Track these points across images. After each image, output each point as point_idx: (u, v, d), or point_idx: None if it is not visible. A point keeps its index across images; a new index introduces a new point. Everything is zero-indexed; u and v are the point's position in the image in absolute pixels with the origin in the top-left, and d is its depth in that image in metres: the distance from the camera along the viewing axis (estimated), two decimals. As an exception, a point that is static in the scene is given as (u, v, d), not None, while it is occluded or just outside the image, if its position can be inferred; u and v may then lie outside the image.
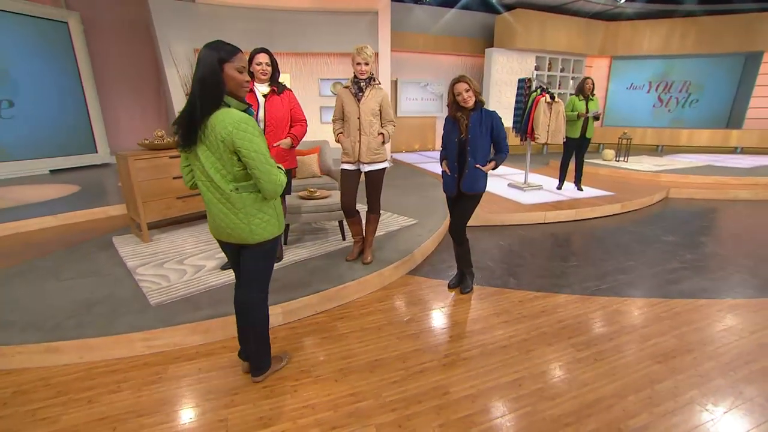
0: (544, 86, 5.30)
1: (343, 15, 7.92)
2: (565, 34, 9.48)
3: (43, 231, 4.01)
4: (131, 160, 3.26)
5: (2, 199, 4.91)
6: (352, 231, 3.17)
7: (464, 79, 2.48)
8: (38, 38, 6.65)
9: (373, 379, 2.00)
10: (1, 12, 6.20)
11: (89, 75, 7.24)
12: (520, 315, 2.63)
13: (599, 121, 10.64)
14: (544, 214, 4.65)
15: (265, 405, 1.83)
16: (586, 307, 2.73)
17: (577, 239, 4.21)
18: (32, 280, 2.85)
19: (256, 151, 1.57)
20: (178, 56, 6.70)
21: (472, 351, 2.24)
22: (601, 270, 3.36)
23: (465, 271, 2.96)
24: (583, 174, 5.80)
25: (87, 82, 7.22)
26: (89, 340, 2.14)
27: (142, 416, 1.76)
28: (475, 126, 2.53)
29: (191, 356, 2.19)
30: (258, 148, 1.57)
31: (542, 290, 2.98)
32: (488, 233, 4.30)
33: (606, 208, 4.96)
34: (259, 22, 7.29)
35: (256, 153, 1.57)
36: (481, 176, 2.64)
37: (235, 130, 1.54)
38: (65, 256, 3.27)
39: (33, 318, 2.32)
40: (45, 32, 6.70)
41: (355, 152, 2.89)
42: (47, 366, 2.11)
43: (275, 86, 2.80)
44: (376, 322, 2.56)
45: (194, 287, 2.68)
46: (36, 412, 1.80)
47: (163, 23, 6.61)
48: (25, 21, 6.45)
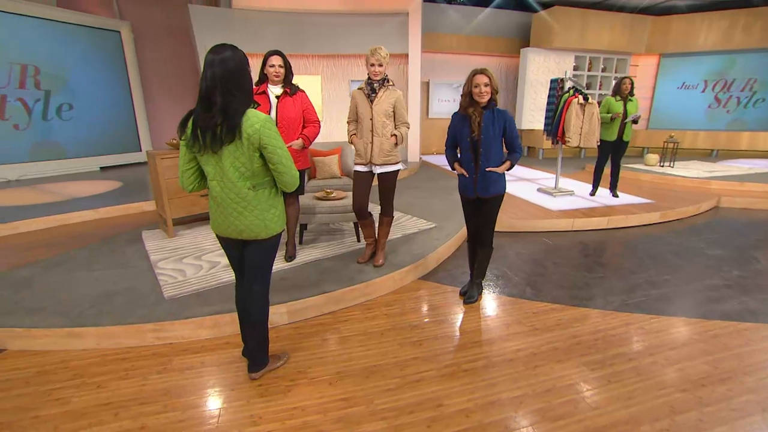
0: (577, 87, 5.02)
1: (373, 17, 7.96)
2: (607, 32, 8.95)
3: (83, 224, 4.33)
4: (158, 159, 3.45)
5: (55, 194, 5.37)
6: (364, 233, 3.15)
7: (486, 72, 2.36)
8: (94, 47, 7.23)
9: (368, 385, 1.97)
10: (62, 24, 6.81)
11: (137, 79, 7.79)
12: (532, 327, 2.48)
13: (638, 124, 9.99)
14: (572, 222, 4.40)
15: (258, 403, 1.85)
16: (607, 323, 2.53)
17: (607, 249, 3.93)
18: (68, 269, 3.07)
19: (281, 148, 1.68)
20: (213, 60, 7.03)
21: (474, 363, 2.14)
22: (630, 283, 3.11)
23: (475, 281, 2.84)
24: (621, 180, 5.44)
25: (134, 85, 7.78)
26: (106, 328, 2.28)
27: (143, 404, 1.84)
28: (488, 125, 2.42)
29: (197, 349, 2.27)
30: (282, 144, 1.69)
31: (560, 302, 2.80)
32: (511, 239, 4.13)
33: (642, 216, 4.61)
34: (291, 24, 7.49)
35: (282, 149, 1.68)
36: (496, 178, 2.52)
37: (262, 128, 1.63)
38: (99, 248, 3.51)
39: (61, 305, 2.51)
40: (100, 41, 7.28)
41: (367, 154, 2.87)
42: (68, 350, 2.26)
43: (288, 87, 2.85)
44: (380, 326, 2.52)
45: (207, 283, 2.77)
46: (52, 393, 1.93)
47: (202, 29, 6.96)
48: (83, 32, 7.05)
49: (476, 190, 2.54)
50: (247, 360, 2.03)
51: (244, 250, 1.87)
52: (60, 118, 6.96)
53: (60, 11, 6.83)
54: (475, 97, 2.38)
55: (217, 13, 7.26)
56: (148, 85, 8.04)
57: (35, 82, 6.58)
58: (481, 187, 2.52)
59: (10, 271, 3.03)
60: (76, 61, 7.05)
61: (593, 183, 5.50)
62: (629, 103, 4.95)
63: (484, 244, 2.71)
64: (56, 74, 6.81)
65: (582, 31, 8.74)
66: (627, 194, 5.54)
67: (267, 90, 2.83)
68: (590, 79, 9.48)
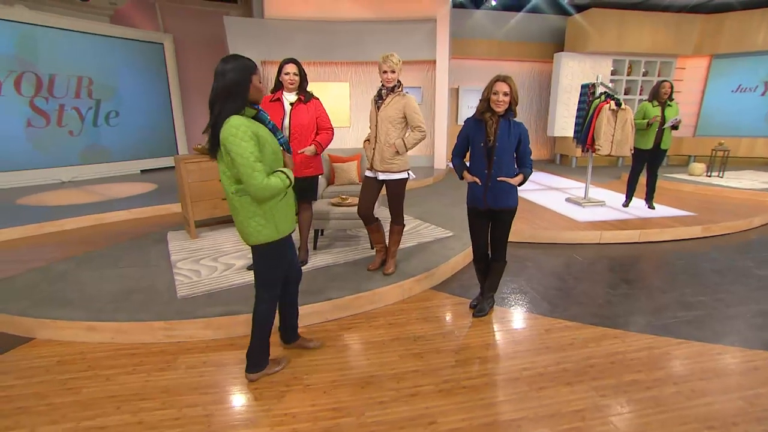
0: (609, 92, 4.75)
1: (401, 24, 7.99)
2: (649, 33, 8.42)
3: (118, 223, 4.63)
4: (183, 163, 3.62)
5: (98, 195, 5.79)
6: (372, 239, 3.13)
7: (508, 80, 2.25)
8: (140, 58, 7.79)
9: (362, 396, 1.93)
10: (114, 38, 7.40)
11: (176, 87, 8.31)
12: (543, 345, 2.34)
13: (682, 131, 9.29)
14: (600, 234, 4.14)
15: (251, 407, 1.87)
16: (626, 345, 2.34)
17: (637, 265, 3.66)
18: (98, 266, 3.28)
19: (240, 155, 1.64)
20: (246, 68, 7.34)
21: (475, 380, 2.04)
22: (659, 303, 2.87)
23: (486, 294, 2.73)
24: (660, 190, 5.08)
25: (174, 93, 8.30)
26: (120, 323, 2.40)
27: (144, 400, 1.91)
28: (503, 133, 2.32)
29: (201, 349, 2.33)
30: (242, 152, 1.64)
31: (577, 320, 2.63)
32: (532, 250, 3.95)
33: (680, 230, 4.26)
34: (320, 33, 7.67)
35: (240, 156, 1.64)
36: (508, 189, 2.40)
37: (227, 134, 1.65)
38: (127, 247, 3.73)
39: (86, 299, 2.67)
40: (145, 53, 7.83)
41: (371, 160, 2.88)
42: (87, 342, 2.40)
43: (302, 95, 2.90)
44: (383, 336, 2.48)
45: (218, 284, 2.86)
46: (66, 382, 2.05)
47: (235, 38, 7.30)
48: (131, 45, 7.62)
49: (486, 201, 2.44)
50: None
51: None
52: (108, 124, 7.53)
53: (112, 27, 7.44)
54: (492, 104, 2.29)
55: (249, 23, 7.58)
56: (186, 93, 8.53)
57: (88, 92, 7.17)
58: (492, 197, 2.42)
59: (49, 265, 3.28)
60: (124, 72, 7.62)
61: (627, 193, 5.16)
62: (668, 108, 4.62)
63: (497, 258, 2.60)
64: (107, 84, 7.38)
65: (620, 33, 8.29)
66: (665, 206, 5.15)
67: (282, 97, 2.90)
68: (630, 84, 8.96)
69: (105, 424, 1.76)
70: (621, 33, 8.32)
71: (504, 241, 2.55)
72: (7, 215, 4.65)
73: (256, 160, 1.66)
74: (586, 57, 8.60)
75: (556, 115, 8.70)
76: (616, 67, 8.88)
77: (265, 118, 1.84)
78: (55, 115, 6.84)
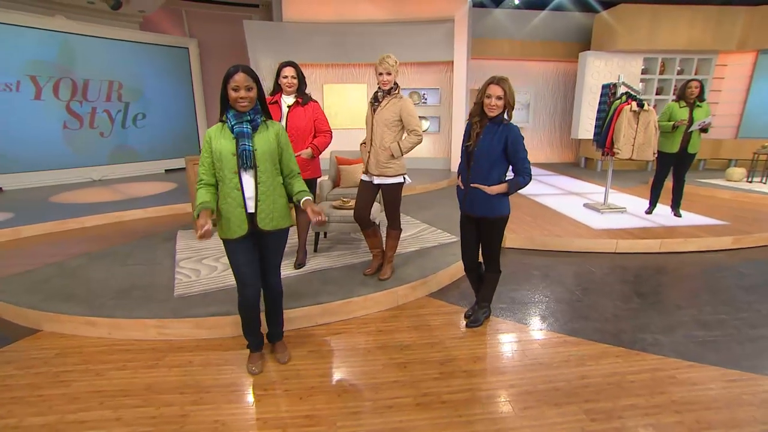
0: (631, 92, 4.48)
1: (419, 25, 7.91)
2: (685, 28, 7.89)
3: (134, 221, 4.83)
4: (190, 164, 3.73)
5: (121, 193, 6.09)
6: (368, 243, 3.09)
7: (503, 83, 2.11)
8: (166, 62, 8.15)
9: (337, 405, 1.89)
10: (143, 44, 7.78)
11: (200, 90, 8.64)
12: (536, 361, 2.22)
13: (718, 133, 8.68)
14: (615, 243, 3.90)
15: (225, 409, 1.88)
16: (628, 365, 2.17)
17: (653, 277, 3.41)
18: (108, 262, 3.43)
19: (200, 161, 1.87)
20: (264, 70, 7.46)
21: (457, 394, 1.96)
22: (672, 320, 2.66)
23: (480, 304, 2.62)
24: (691, 197, 4.75)
25: (197, 96, 8.63)
26: (117, 320, 2.48)
27: (127, 396, 1.96)
28: (486, 138, 2.21)
29: (190, 348, 2.37)
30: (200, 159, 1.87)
31: (576, 334, 2.48)
32: (541, 258, 3.78)
33: (708, 241, 3.94)
34: (337, 35, 7.71)
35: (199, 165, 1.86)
36: (484, 197, 2.25)
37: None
38: (138, 244, 3.88)
39: (90, 294, 2.79)
40: (171, 57, 8.18)
41: (366, 163, 2.83)
42: (86, 336, 2.50)
43: (300, 98, 2.90)
44: (370, 343, 2.43)
45: (215, 284, 2.91)
46: (60, 375, 2.14)
47: (254, 42, 7.47)
48: (158, 50, 7.98)
49: (464, 205, 2.35)
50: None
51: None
52: (135, 126, 7.93)
53: (141, 33, 7.83)
54: (485, 108, 2.18)
55: (268, 26, 7.74)
56: (209, 95, 8.83)
57: (118, 95, 7.57)
58: (468, 202, 2.32)
59: (64, 261, 3.47)
60: (151, 76, 7.99)
61: (650, 200, 4.85)
62: (697, 109, 4.30)
63: (489, 269, 2.49)
64: (135, 87, 7.76)
65: (652, 29, 7.82)
66: (695, 213, 4.80)
67: (280, 100, 2.92)
68: (662, 83, 8.44)
69: (86, 418, 1.82)
70: (653, 29, 7.86)
71: (493, 251, 2.44)
72: (38, 212, 4.96)
73: (201, 165, 1.88)
74: (613, 56, 8.18)
75: (581, 117, 8.33)
76: (647, 66, 8.40)
77: (229, 125, 1.88)
78: (88, 118, 7.26)
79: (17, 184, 6.60)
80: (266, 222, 1.98)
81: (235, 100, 1.84)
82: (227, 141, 1.87)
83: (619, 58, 8.20)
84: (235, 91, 1.83)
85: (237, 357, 2.26)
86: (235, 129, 1.87)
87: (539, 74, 9.47)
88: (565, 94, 9.58)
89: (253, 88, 1.88)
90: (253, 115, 1.92)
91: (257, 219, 1.95)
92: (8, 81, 6.43)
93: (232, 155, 1.86)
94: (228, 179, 1.88)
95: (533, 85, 9.48)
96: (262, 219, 1.97)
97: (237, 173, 1.88)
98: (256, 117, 1.93)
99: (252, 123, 1.91)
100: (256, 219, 1.95)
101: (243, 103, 1.86)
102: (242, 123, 1.87)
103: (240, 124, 1.87)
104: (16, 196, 5.99)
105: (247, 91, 1.85)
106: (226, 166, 1.87)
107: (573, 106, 8.92)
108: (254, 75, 1.89)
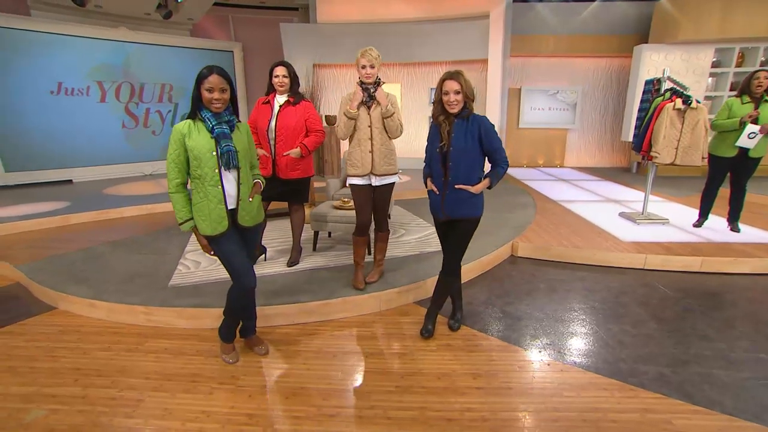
0: (678, 88, 3.94)
1: (453, 22, 7.69)
2: None
3: (164, 213, 5.20)
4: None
5: (161, 186, 6.64)
6: (359, 254, 2.90)
7: (458, 77, 2.04)
8: (213, 65, 8.73)
9: (281, 407, 1.87)
10: (192, 49, 8.41)
11: (242, 90, 9.16)
12: (506, 386, 2.02)
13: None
14: (644, 258, 3.45)
15: (179, 399, 1.94)
16: (616, 401, 1.89)
17: (683, 300, 2.96)
18: (127, 250, 3.74)
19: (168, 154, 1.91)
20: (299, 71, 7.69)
21: (405, 412, 1.84)
22: (690, 352, 2.28)
23: (455, 304, 2.54)
24: (759, 208, 4.07)
25: (240, 96, 9.15)
26: (114, 304, 2.68)
27: (99, 376, 2.10)
28: (458, 135, 2.08)
29: (169, 336, 2.49)
30: (169, 152, 1.91)
31: (563, 359, 2.22)
32: (553, 270, 3.47)
33: (765, 262, 3.34)
34: (370, 35, 7.71)
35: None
36: (468, 197, 2.16)
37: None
38: (157, 235, 4.18)
39: (100, 279, 3.06)
40: (217, 60, 8.71)
41: (366, 164, 2.69)
42: (88, 317, 2.73)
43: (292, 97, 2.93)
44: (337, 347, 2.38)
45: (209, 277, 3.03)
46: (54, 350, 2.36)
47: (290, 44, 7.74)
48: (206, 53, 8.57)
49: (444, 211, 2.20)
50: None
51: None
52: (184, 125, 8.60)
53: (191, 39, 8.49)
54: (445, 105, 2.08)
55: (303, 29, 7.98)
56: (251, 95, 9.32)
57: (169, 96, 8.27)
58: (449, 206, 2.18)
59: (91, 247, 3.83)
60: (199, 80, 8.62)
61: (700, 211, 4.24)
62: (764, 105, 3.66)
63: (448, 271, 2.34)
64: (183, 89, 8.41)
65: (726, 15, 6.83)
66: (757, 229, 4.11)
67: (272, 100, 2.97)
68: (739, 77, 7.35)
69: (57, 393, 1.98)
70: (727, 15, 6.87)
71: (459, 251, 2.30)
72: (90, 202, 5.57)
73: (172, 161, 1.80)
74: (675, 48, 7.29)
75: (633, 118, 7.53)
76: (719, 58, 7.40)
77: (208, 126, 1.91)
78: (143, 118, 8.03)
79: (84, 177, 7.46)
80: (246, 219, 2.06)
81: (209, 101, 1.89)
82: (204, 139, 1.91)
83: (682, 51, 7.29)
84: (209, 92, 1.88)
85: (208, 348, 2.33)
86: (216, 130, 1.91)
87: (588, 71, 8.72)
88: (618, 93, 8.73)
89: (226, 90, 1.93)
90: (229, 116, 1.97)
91: (238, 217, 2.02)
92: (80, 86, 7.30)
93: (212, 154, 1.91)
94: (209, 177, 1.92)
95: (581, 84, 8.77)
96: (243, 216, 2.05)
97: (218, 170, 1.93)
98: (232, 118, 1.98)
99: (229, 124, 1.96)
100: (237, 216, 2.02)
101: (217, 105, 1.90)
102: (221, 124, 1.93)
103: (219, 125, 1.92)
104: (80, 188, 6.78)
105: (221, 92, 1.90)
106: (205, 164, 1.91)
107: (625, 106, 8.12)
108: (228, 77, 1.94)
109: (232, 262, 2.05)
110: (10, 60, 6.51)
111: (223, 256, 2.05)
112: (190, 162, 1.93)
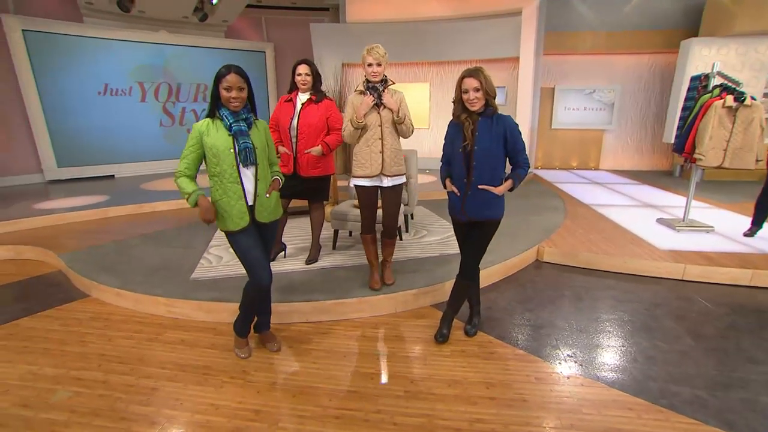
0: (729, 84, 3.62)
1: (484, 20, 7.49)
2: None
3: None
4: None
5: (196, 183, 6.89)
6: (371, 253, 2.82)
7: (477, 74, 1.97)
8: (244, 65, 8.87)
9: (288, 405, 1.87)
10: (226, 50, 8.70)
11: (273, 90, 9.40)
12: (520, 397, 1.92)
13: None
14: (683, 268, 3.20)
15: (191, 390, 1.98)
16: (641, 423, 1.75)
17: (727, 316, 2.70)
18: (156, 243, 3.90)
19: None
20: (328, 71, 7.76)
21: (411, 418, 1.79)
22: (733, 375, 2.07)
23: (473, 309, 2.46)
24: None
25: (272, 95, 9.40)
26: (139, 294, 2.80)
27: (120, 363, 2.19)
28: (483, 134, 2.01)
29: (187, 328, 2.57)
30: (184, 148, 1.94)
31: (586, 374, 2.08)
32: (580, 277, 3.28)
33: (823, 278, 3.00)
34: (399, 34, 7.68)
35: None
36: (491, 199, 2.08)
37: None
38: (187, 230, 4.34)
39: (129, 270, 3.20)
40: (250, 60, 9.00)
41: (376, 165, 2.61)
42: (117, 306, 2.87)
43: (314, 95, 2.94)
44: (349, 347, 2.36)
45: (228, 271, 3.10)
46: (84, 335, 2.49)
47: (319, 43, 7.83)
48: (240, 54, 8.85)
49: (465, 211, 2.12)
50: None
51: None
52: (217, 124, 8.94)
53: (225, 40, 8.80)
54: (466, 104, 2.01)
55: (332, 28, 8.04)
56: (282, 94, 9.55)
57: (203, 96, 8.60)
58: (471, 207, 2.10)
59: (126, 240, 4.03)
60: (232, 78, 8.95)
61: (753, 219, 3.88)
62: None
63: (466, 274, 2.25)
64: (218, 90, 8.73)
65: (789, 5, 6.24)
66: (817, 242, 3.71)
67: (295, 97, 2.99)
68: (804, 74, 6.69)
69: (82, 376, 2.08)
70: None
71: (479, 254, 2.23)
72: (127, 196, 5.88)
73: (185, 157, 1.89)
74: (730, 41, 6.74)
75: (676, 117, 7.03)
76: (779, 52, 6.74)
77: (226, 123, 1.94)
78: (179, 116, 8.41)
79: (125, 173, 7.92)
80: (264, 215, 2.09)
81: (227, 100, 1.93)
82: (223, 137, 1.95)
83: (738, 44, 6.72)
84: (227, 91, 1.92)
85: (223, 342, 2.38)
86: (233, 127, 1.95)
87: (628, 69, 8.24)
88: (662, 92, 8.19)
89: (244, 89, 1.96)
90: (246, 114, 2.00)
91: (255, 213, 2.05)
92: (124, 87, 7.75)
93: (230, 151, 1.94)
94: (228, 174, 1.96)
95: (620, 82, 8.31)
96: (260, 212, 2.08)
97: (236, 167, 1.96)
98: (249, 116, 2.02)
99: (247, 121, 1.99)
100: (255, 212, 2.05)
101: (235, 103, 1.94)
102: (239, 121, 1.96)
103: (237, 123, 1.95)
104: (120, 183, 7.19)
105: (239, 91, 1.93)
106: (224, 161, 1.95)
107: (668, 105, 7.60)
108: (246, 76, 1.97)
109: (248, 257, 2.07)
110: (65, 63, 7.03)
111: (239, 251, 2.07)
112: (209, 159, 1.97)
